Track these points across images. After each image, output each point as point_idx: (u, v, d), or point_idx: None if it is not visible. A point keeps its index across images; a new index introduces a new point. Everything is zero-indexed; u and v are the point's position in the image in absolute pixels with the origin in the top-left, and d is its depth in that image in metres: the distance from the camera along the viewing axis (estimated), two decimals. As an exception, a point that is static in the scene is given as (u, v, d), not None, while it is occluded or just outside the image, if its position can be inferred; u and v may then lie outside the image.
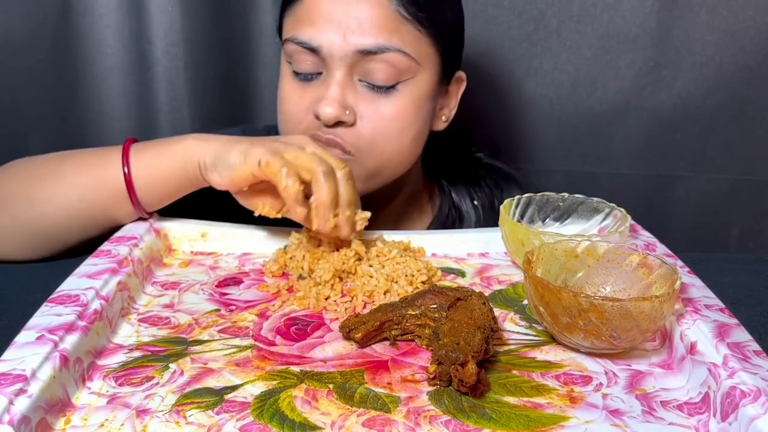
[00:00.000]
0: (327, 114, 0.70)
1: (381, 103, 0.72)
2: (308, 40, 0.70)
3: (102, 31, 0.98)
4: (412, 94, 0.73)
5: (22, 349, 0.44)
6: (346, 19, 0.68)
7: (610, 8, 1.00)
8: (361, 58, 0.69)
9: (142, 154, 0.66)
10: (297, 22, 0.71)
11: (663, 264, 0.52)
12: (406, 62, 0.70)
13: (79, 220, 0.67)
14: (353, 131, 0.72)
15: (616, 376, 0.48)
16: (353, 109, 0.71)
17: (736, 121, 1.03)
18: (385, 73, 0.70)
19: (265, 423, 0.42)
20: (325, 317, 0.56)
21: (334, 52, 0.69)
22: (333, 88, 0.70)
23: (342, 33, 0.68)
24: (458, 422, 0.43)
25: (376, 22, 0.69)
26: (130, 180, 0.65)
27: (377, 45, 0.69)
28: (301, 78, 0.73)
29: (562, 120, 1.06)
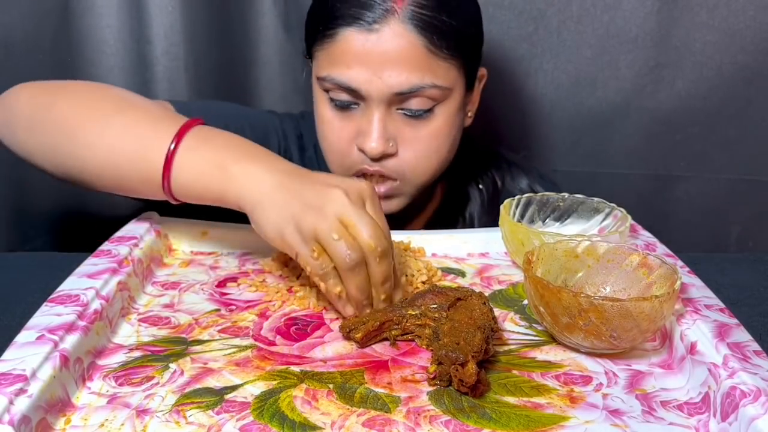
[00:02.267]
0: (374, 150, 0.73)
1: (419, 127, 0.75)
2: (346, 82, 0.72)
3: (102, 31, 0.98)
4: (446, 112, 0.75)
5: (22, 349, 0.44)
6: (381, 61, 0.70)
7: (610, 8, 1.00)
8: (397, 97, 0.72)
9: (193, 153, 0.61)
10: (332, 62, 0.73)
11: (663, 264, 0.52)
12: (439, 93, 0.73)
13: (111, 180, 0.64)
14: (397, 160, 0.75)
15: (616, 376, 0.48)
16: (395, 139, 0.74)
17: (736, 121, 1.03)
18: (422, 104, 0.73)
19: (265, 423, 0.42)
20: (325, 317, 0.56)
21: (372, 94, 0.72)
22: (376, 124, 0.73)
23: (378, 76, 0.70)
24: (458, 422, 0.43)
25: (409, 64, 0.70)
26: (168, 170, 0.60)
27: (412, 86, 0.71)
28: (340, 107, 0.75)
29: (562, 120, 1.06)
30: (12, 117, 0.69)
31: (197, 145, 0.61)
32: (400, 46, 0.70)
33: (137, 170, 0.62)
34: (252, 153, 0.60)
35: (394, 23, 0.69)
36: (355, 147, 0.75)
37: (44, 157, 0.67)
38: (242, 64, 1.07)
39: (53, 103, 0.66)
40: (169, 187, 0.61)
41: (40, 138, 0.67)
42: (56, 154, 0.66)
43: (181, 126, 0.61)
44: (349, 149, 0.76)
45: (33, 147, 0.68)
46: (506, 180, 0.92)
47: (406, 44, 0.70)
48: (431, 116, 0.74)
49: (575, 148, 1.08)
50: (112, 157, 0.63)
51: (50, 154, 0.67)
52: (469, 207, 0.91)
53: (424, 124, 0.74)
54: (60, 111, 0.66)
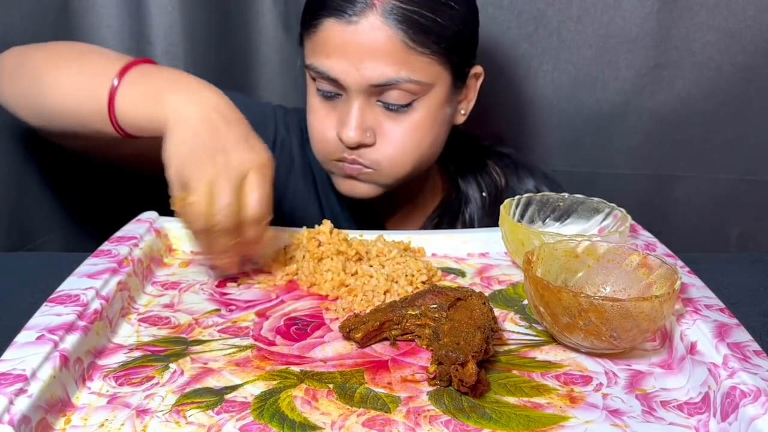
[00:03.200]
0: (350, 139, 0.75)
1: (398, 120, 0.76)
2: (326, 71, 0.74)
3: (102, 31, 0.98)
4: (427, 107, 0.76)
5: (22, 349, 0.44)
6: (359, 53, 0.72)
7: (610, 8, 1.00)
8: (375, 88, 0.74)
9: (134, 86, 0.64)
10: (314, 51, 0.75)
11: (663, 264, 0.52)
12: (417, 87, 0.74)
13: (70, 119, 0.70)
14: (374, 150, 0.77)
15: (616, 376, 0.48)
16: (373, 129, 0.76)
17: (736, 121, 1.03)
18: (399, 97, 0.74)
19: (265, 423, 0.42)
20: (325, 317, 0.56)
21: (350, 84, 0.73)
22: (354, 114, 0.74)
23: (355, 68, 0.72)
24: (458, 422, 0.43)
25: (386, 57, 0.72)
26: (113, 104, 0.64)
27: (387, 79, 0.73)
28: (325, 96, 0.77)
29: (562, 120, 1.06)
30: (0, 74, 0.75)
31: (139, 79, 0.65)
32: (377, 39, 0.71)
33: (89, 105, 0.66)
34: (188, 82, 0.63)
35: (372, 17, 0.71)
36: (335, 135, 0.77)
37: (19, 103, 0.74)
38: (242, 64, 1.07)
39: (30, 57, 0.74)
40: (115, 120, 0.65)
41: (17, 88, 0.74)
42: (28, 99, 0.73)
43: (128, 62, 0.66)
44: (329, 137, 0.78)
45: (11, 96, 0.74)
46: (511, 180, 0.92)
47: (383, 37, 0.71)
48: (410, 110, 0.76)
49: (575, 148, 1.08)
50: (70, 96, 0.68)
51: (23, 100, 0.73)
52: (470, 205, 0.91)
53: (403, 118, 0.76)
54: (33, 61, 0.73)
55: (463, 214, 0.91)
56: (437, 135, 0.79)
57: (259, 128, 0.83)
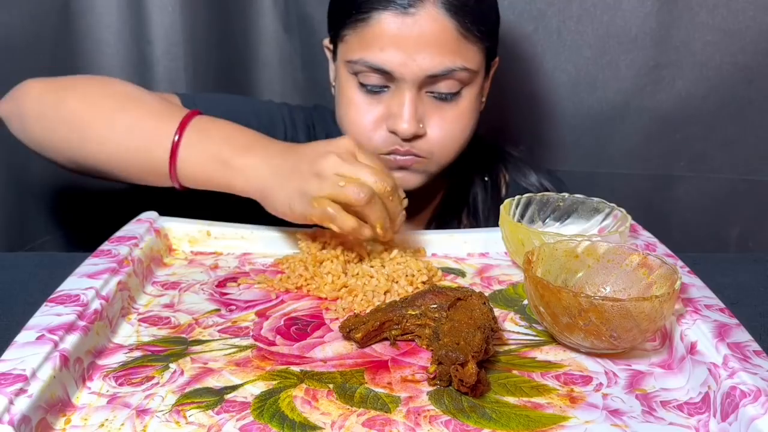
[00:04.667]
0: (405, 131, 0.75)
1: (447, 109, 0.77)
2: (380, 65, 0.74)
3: (102, 31, 0.98)
4: (471, 95, 0.78)
5: (22, 349, 0.44)
6: (415, 45, 0.72)
7: (610, 8, 1.00)
8: (429, 79, 0.74)
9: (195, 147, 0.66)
10: (365, 45, 0.74)
11: (663, 264, 0.52)
12: (468, 76, 0.76)
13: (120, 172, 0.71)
14: (426, 141, 0.77)
15: (616, 376, 0.48)
16: (423, 120, 0.77)
17: (736, 121, 1.03)
18: (451, 86, 0.75)
19: (265, 423, 0.42)
20: (325, 317, 0.56)
21: (405, 76, 0.73)
22: (407, 106, 0.75)
23: (412, 59, 0.72)
24: (458, 422, 0.43)
25: (442, 47, 0.73)
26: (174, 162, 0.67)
27: (445, 69, 0.73)
28: (369, 90, 0.77)
29: (562, 120, 1.06)
30: (23, 113, 0.74)
31: (198, 138, 0.67)
32: (433, 29, 0.72)
33: (144, 163, 0.68)
34: (249, 142, 0.67)
35: (429, 6, 0.72)
36: (384, 129, 0.77)
37: (55, 150, 0.73)
38: (242, 64, 1.07)
39: (62, 100, 0.72)
40: (176, 177, 0.68)
41: (51, 134, 0.72)
42: (67, 149, 0.72)
43: (181, 120, 0.67)
44: (376, 131, 0.77)
45: (44, 142, 0.73)
46: (514, 175, 0.93)
47: (439, 28, 0.72)
48: (458, 98, 0.77)
49: (575, 148, 1.08)
50: (121, 152, 0.69)
51: (61, 149, 0.72)
52: (474, 200, 0.92)
53: (451, 106, 0.77)
54: (69, 108, 0.71)
55: (468, 209, 0.91)
56: (476, 121, 0.81)
57: (270, 129, 0.86)
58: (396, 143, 0.77)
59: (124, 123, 0.69)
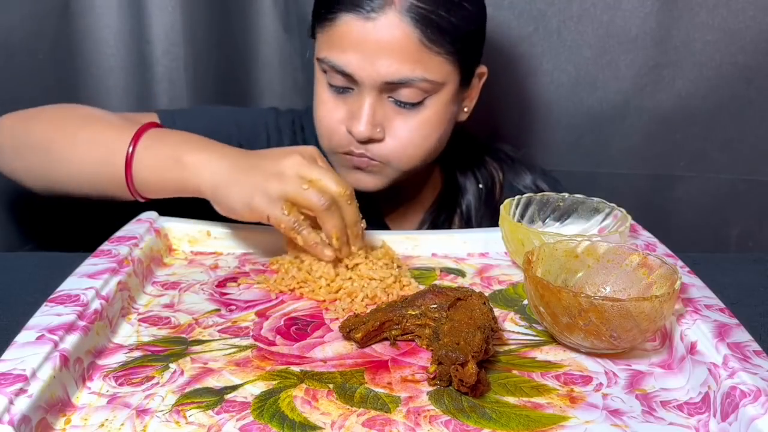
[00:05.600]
0: (360, 134, 0.75)
1: (408, 117, 0.76)
2: (341, 66, 0.74)
3: (102, 31, 0.98)
4: (437, 105, 0.77)
5: (22, 349, 0.44)
6: (375, 49, 0.72)
7: (610, 8, 1.00)
8: (388, 85, 0.74)
9: (150, 151, 0.67)
10: (329, 45, 0.75)
11: (663, 264, 0.52)
12: (430, 86, 0.75)
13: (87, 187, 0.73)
14: (383, 146, 0.77)
15: (616, 376, 0.48)
16: (383, 125, 0.76)
17: (736, 121, 1.03)
18: (411, 95, 0.75)
19: (265, 423, 0.42)
20: (325, 317, 0.56)
21: (364, 79, 0.74)
22: (365, 109, 0.75)
23: (371, 63, 0.72)
24: (458, 422, 0.43)
25: (402, 55, 0.72)
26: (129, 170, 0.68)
27: (402, 77, 0.73)
28: (335, 90, 0.77)
29: (562, 120, 1.06)
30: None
31: (152, 144, 0.68)
32: (394, 36, 0.72)
33: (105, 175, 0.69)
34: (203, 144, 0.67)
35: (391, 14, 0.71)
36: (344, 129, 0.77)
37: (27, 176, 0.77)
38: (242, 64, 1.07)
39: (29, 129, 0.75)
40: (133, 186, 0.68)
41: (22, 161, 0.76)
42: (37, 172, 0.75)
43: (137, 129, 0.68)
44: (338, 129, 0.78)
45: (17, 169, 0.77)
46: (508, 175, 0.93)
47: (400, 35, 0.72)
48: (421, 108, 0.76)
49: (575, 148, 1.08)
50: (84, 167, 0.71)
51: (32, 173, 0.76)
52: (466, 199, 0.92)
53: (413, 114, 0.76)
54: (35, 135, 0.74)
55: (460, 206, 0.91)
56: (444, 132, 0.80)
57: (250, 139, 0.87)
58: (352, 144, 0.77)
59: (85, 138, 0.71)
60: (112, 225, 0.68)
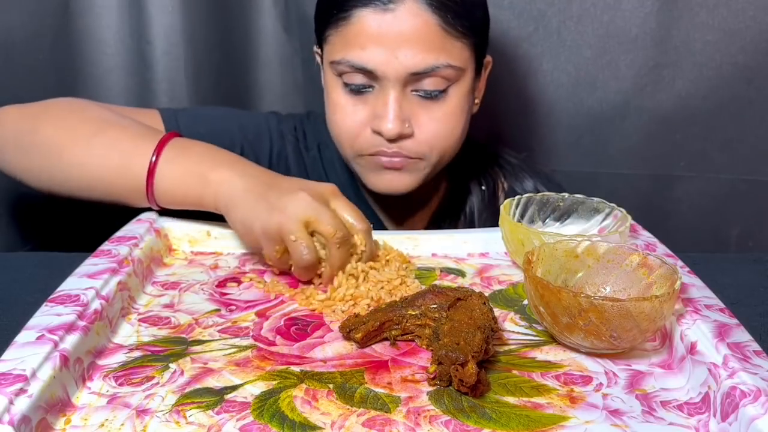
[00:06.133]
0: (390, 131, 0.73)
1: (434, 108, 0.75)
2: (362, 64, 0.72)
3: (102, 31, 0.98)
4: (459, 94, 0.76)
5: (22, 349, 0.44)
6: (397, 41, 0.71)
7: (610, 8, 1.00)
8: (413, 77, 0.72)
9: (173, 164, 0.66)
10: (346, 44, 0.73)
11: (663, 264, 0.52)
12: (454, 73, 0.74)
13: (100, 192, 0.71)
14: (414, 141, 0.76)
15: (616, 376, 0.48)
16: (410, 120, 0.75)
17: (736, 121, 1.03)
18: (436, 83, 0.74)
19: (265, 423, 0.42)
20: (325, 317, 0.56)
21: (388, 74, 0.72)
22: (391, 105, 0.73)
23: (394, 56, 0.71)
24: (458, 422, 0.43)
25: (424, 43, 0.71)
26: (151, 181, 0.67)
27: (428, 66, 0.72)
28: (353, 91, 0.75)
29: (562, 120, 1.06)
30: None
31: (175, 156, 0.67)
32: (415, 25, 0.71)
33: (123, 183, 0.68)
34: (225, 160, 0.66)
35: (409, 2, 0.71)
36: (369, 130, 0.75)
37: (32, 176, 0.74)
38: (242, 64, 1.07)
39: (37, 127, 0.72)
40: (153, 195, 0.67)
41: (28, 160, 0.73)
42: (45, 174, 0.72)
43: (159, 140, 0.67)
44: (362, 132, 0.76)
45: (21, 168, 0.74)
46: (510, 180, 0.92)
47: (421, 23, 0.71)
48: (445, 97, 0.75)
49: (575, 148, 1.08)
50: (100, 173, 0.69)
51: (39, 174, 0.73)
52: (470, 205, 0.91)
53: (438, 105, 0.75)
54: (45, 134, 0.71)
55: (464, 212, 0.91)
56: (466, 122, 0.80)
57: (255, 143, 0.86)
58: (382, 144, 0.75)
59: (102, 144, 0.69)
60: (112, 225, 0.68)
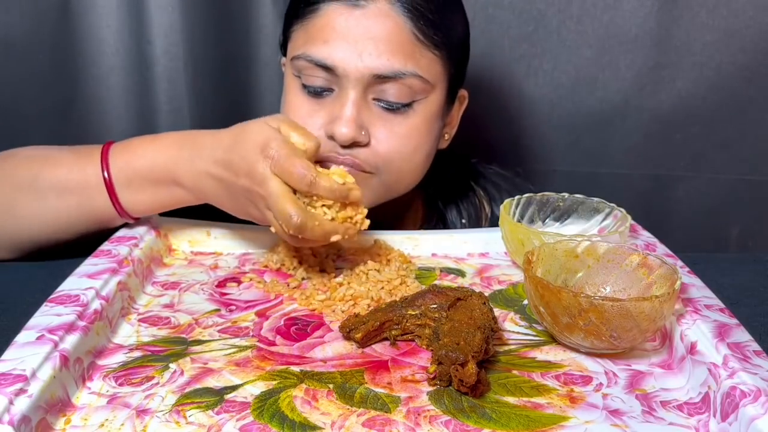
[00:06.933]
0: (343, 135, 0.67)
1: (395, 122, 0.70)
2: (322, 59, 0.67)
3: (102, 31, 0.98)
4: (425, 112, 0.71)
5: (22, 349, 0.44)
6: (363, 40, 0.66)
7: (610, 8, 1.00)
8: (376, 80, 0.68)
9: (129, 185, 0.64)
10: (309, 38, 0.69)
11: (663, 264, 0.52)
12: (420, 85, 0.69)
13: (68, 233, 0.68)
14: (369, 151, 0.70)
15: (616, 376, 0.48)
16: (368, 129, 0.69)
17: (736, 121, 1.03)
18: (400, 94, 0.69)
19: (265, 423, 0.42)
20: (325, 317, 0.56)
21: (349, 73, 0.67)
22: (348, 108, 0.68)
23: (358, 54, 0.66)
24: (458, 422, 0.43)
25: (392, 45, 0.67)
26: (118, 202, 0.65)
27: (393, 70, 0.67)
28: (311, 93, 0.70)
29: (562, 120, 1.06)
30: None
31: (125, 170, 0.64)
32: (385, 25, 0.66)
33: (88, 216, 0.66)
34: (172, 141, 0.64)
35: (381, 1, 0.67)
36: (324, 133, 0.69)
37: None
38: (242, 64, 1.07)
39: None
40: (124, 211, 0.65)
41: None
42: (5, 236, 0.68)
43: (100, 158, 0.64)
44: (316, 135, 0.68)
45: None
46: (494, 206, 0.87)
47: (391, 25, 0.67)
48: (409, 112, 0.70)
49: (575, 148, 1.08)
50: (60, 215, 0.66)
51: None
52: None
53: (400, 119, 0.70)
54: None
55: None
56: (430, 149, 0.74)
57: None
58: (334, 150, 0.69)
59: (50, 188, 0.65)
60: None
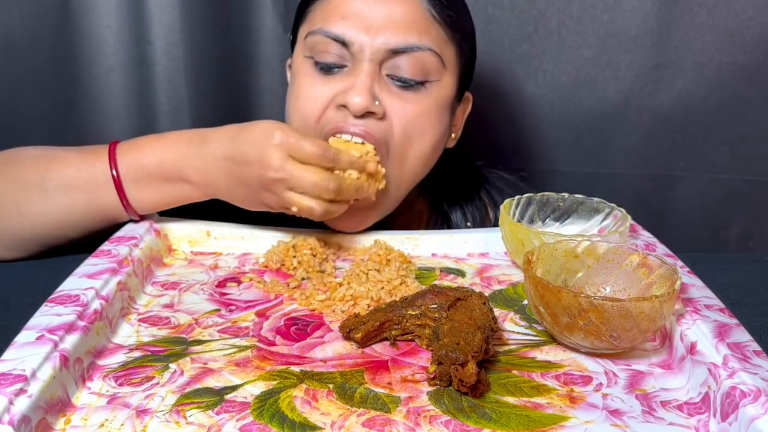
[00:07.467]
0: (356, 104, 0.66)
1: (408, 98, 0.69)
2: (340, 34, 0.68)
3: (102, 31, 0.98)
4: (437, 95, 0.71)
5: (22, 349, 0.44)
6: (379, 16, 0.68)
7: (610, 8, 1.00)
8: (390, 55, 0.68)
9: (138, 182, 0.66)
10: (326, 15, 0.70)
11: (663, 264, 0.52)
12: (434, 62, 0.70)
13: (74, 231, 0.69)
14: (384, 125, 0.69)
15: (616, 376, 0.48)
16: (381, 102, 0.68)
17: (736, 121, 1.03)
18: (414, 70, 0.69)
19: (265, 423, 0.42)
20: (325, 317, 0.56)
21: (364, 48, 0.68)
22: (362, 78, 0.67)
23: (374, 29, 0.67)
24: (458, 422, 0.43)
25: (408, 20, 0.68)
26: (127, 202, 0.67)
27: (408, 44, 0.68)
28: (324, 70, 0.70)
29: (562, 120, 1.06)
30: None
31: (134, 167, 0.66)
32: (401, 3, 0.68)
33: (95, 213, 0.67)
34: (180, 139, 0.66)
35: None
36: (333, 108, 0.69)
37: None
38: (242, 64, 1.07)
39: None
40: (132, 208, 0.67)
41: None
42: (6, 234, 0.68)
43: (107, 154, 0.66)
44: (322, 112, 0.70)
45: None
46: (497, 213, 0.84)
47: (407, 2, 0.69)
48: (422, 91, 0.70)
49: (575, 148, 1.08)
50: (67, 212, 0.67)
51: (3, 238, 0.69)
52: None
53: (413, 97, 0.70)
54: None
55: None
56: (440, 138, 0.73)
57: None
58: (345, 120, 0.68)
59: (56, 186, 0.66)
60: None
